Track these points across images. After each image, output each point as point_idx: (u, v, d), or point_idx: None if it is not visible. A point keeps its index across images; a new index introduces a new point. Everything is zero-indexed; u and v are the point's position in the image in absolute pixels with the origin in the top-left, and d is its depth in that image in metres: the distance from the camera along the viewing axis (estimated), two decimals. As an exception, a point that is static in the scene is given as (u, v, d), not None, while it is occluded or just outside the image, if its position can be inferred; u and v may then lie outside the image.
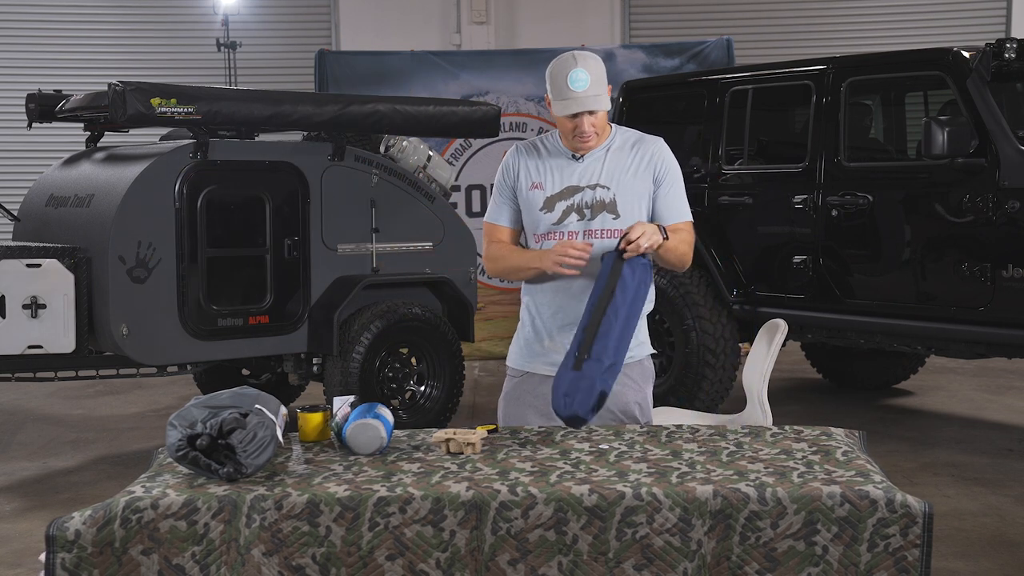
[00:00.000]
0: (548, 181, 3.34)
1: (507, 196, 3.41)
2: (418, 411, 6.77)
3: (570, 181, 3.32)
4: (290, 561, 2.57)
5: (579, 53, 3.26)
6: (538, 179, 3.35)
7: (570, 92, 3.20)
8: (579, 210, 3.31)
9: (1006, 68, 6.08)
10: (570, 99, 3.21)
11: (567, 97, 3.21)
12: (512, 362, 3.48)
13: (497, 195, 3.43)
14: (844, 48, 9.91)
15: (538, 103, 9.88)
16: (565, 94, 3.21)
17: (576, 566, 2.57)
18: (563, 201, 3.32)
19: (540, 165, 3.36)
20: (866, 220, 6.53)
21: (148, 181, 6.05)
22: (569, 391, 3.08)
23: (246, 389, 2.96)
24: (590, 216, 3.31)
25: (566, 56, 3.25)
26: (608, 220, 3.31)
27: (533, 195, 3.34)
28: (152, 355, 6.16)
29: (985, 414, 7.42)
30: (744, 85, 7.30)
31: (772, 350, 4.41)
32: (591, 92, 3.21)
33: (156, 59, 11.64)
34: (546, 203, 3.33)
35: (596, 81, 3.22)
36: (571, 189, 3.32)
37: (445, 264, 7.05)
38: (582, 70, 3.20)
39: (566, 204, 3.32)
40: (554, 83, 3.24)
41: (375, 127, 6.80)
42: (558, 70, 3.23)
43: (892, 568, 2.55)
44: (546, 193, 3.33)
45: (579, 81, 3.19)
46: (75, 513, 2.60)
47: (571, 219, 3.31)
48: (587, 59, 3.24)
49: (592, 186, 3.31)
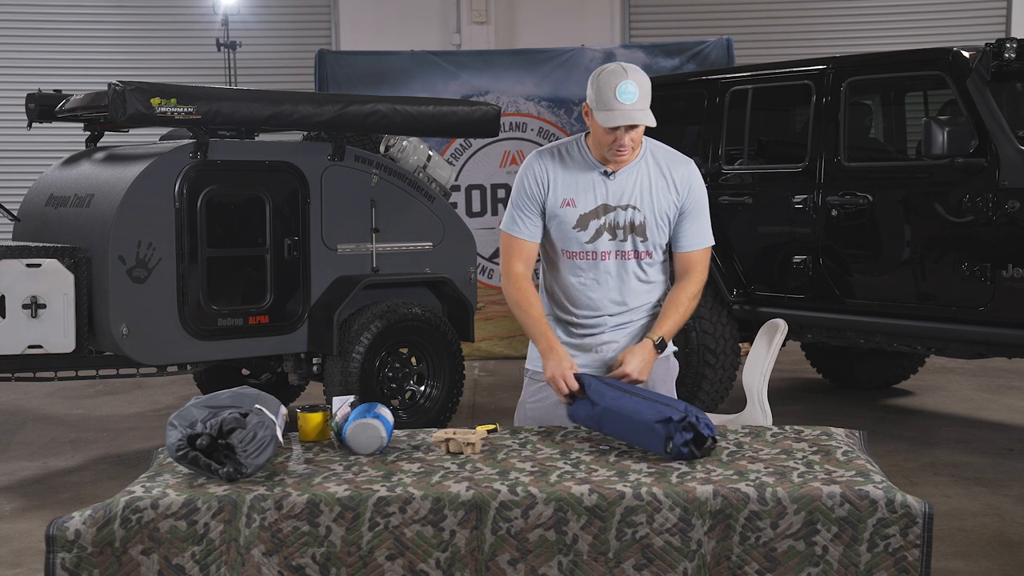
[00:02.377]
0: (581, 198, 3.29)
1: (535, 209, 3.33)
2: (418, 411, 6.77)
3: (603, 199, 3.29)
4: (290, 561, 2.57)
5: (628, 66, 3.20)
6: (570, 195, 3.29)
7: (618, 104, 3.14)
8: (611, 230, 3.30)
9: (1006, 68, 6.08)
10: (617, 111, 3.14)
11: (613, 108, 3.14)
12: (537, 366, 3.40)
13: (521, 206, 3.33)
14: (844, 48, 9.90)
15: (538, 103, 9.88)
16: (612, 105, 3.14)
17: (576, 566, 2.57)
18: (596, 220, 3.29)
19: (571, 180, 3.30)
20: (866, 220, 6.53)
21: (148, 181, 6.04)
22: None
23: (246, 389, 2.96)
24: (621, 237, 3.31)
25: (615, 67, 3.18)
26: (637, 242, 3.33)
27: (566, 212, 3.30)
28: (152, 355, 6.16)
29: (985, 414, 7.42)
30: (744, 85, 7.30)
31: (772, 350, 4.41)
32: (638, 106, 3.15)
33: (156, 59, 11.64)
34: (579, 221, 3.29)
35: (644, 95, 3.17)
36: (604, 208, 3.29)
37: (445, 264, 7.05)
38: (632, 83, 3.14)
39: (599, 223, 3.30)
40: (600, 93, 3.16)
41: (375, 127, 6.80)
42: (606, 81, 3.16)
43: (892, 568, 2.55)
44: (579, 211, 3.29)
45: (628, 93, 3.13)
46: (75, 513, 2.60)
47: (603, 239, 3.31)
48: (636, 72, 3.18)
49: (624, 207, 3.29)
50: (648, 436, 2.90)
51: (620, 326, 3.37)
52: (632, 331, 3.38)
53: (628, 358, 3.24)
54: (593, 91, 3.19)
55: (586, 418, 3.12)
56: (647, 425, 2.90)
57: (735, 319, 7.17)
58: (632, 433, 2.97)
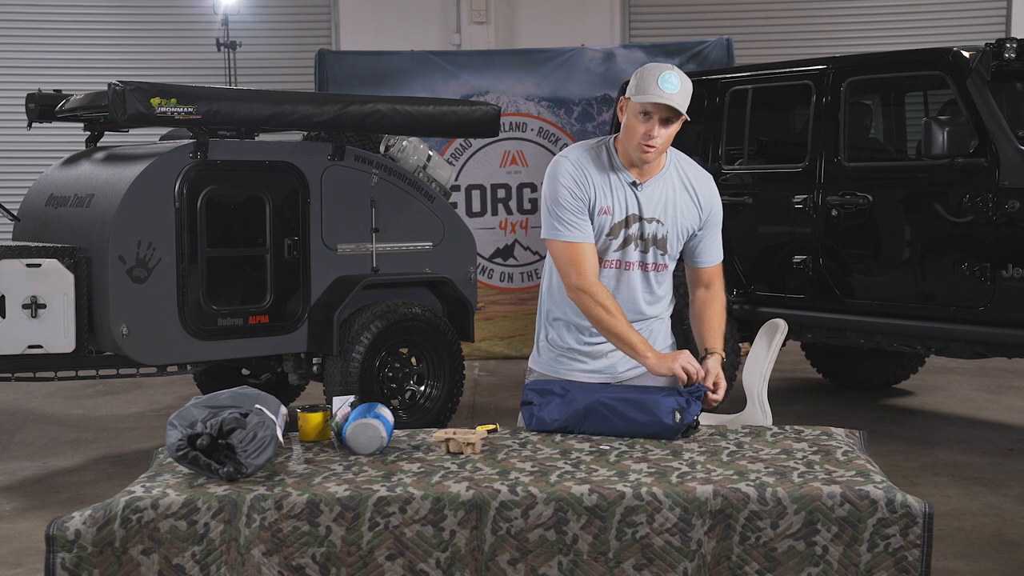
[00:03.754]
0: (615, 207, 3.29)
1: (584, 210, 3.27)
2: (418, 411, 6.77)
3: (633, 210, 3.29)
4: (290, 561, 2.57)
5: (675, 67, 3.22)
6: (607, 203, 3.28)
7: (658, 91, 3.14)
8: (636, 241, 3.31)
9: (1006, 68, 6.08)
10: (655, 94, 3.14)
11: (653, 92, 3.14)
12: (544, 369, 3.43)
13: (571, 209, 3.25)
14: (844, 48, 9.90)
15: (538, 103, 9.88)
16: (652, 90, 3.14)
17: (576, 566, 2.57)
18: (625, 230, 3.30)
19: (606, 187, 3.28)
20: (866, 220, 6.53)
21: (148, 181, 6.04)
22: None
23: (246, 389, 2.96)
24: (643, 248, 3.32)
25: (662, 63, 3.23)
26: (658, 255, 3.35)
27: (602, 220, 3.28)
28: (152, 355, 6.15)
29: (985, 414, 7.42)
30: (744, 85, 7.31)
31: (772, 350, 4.41)
32: (678, 98, 3.16)
33: (156, 59, 11.63)
34: (612, 230, 3.30)
35: (684, 92, 3.18)
36: (633, 218, 3.30)
37: (445, 264, 7.04)
38: (676, 75, 3.16)
39: (627, 233, 3.30)
40: (642, 80, 3.17)
41: (375, 127, 6.80)
42: (651, 69, 3.17)
43: (892, 568, 2.55)
44: (613, 220, 3.29)
45: (671, 83, 3.14)
46: (75, 513, 2.60)
47: (630, 248, 3.31)
48: (682, 73, 3.21)
49: (650, 219, 3.31)
50: (649, 410, 3.04)
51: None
52: (643, 335, 3.39)
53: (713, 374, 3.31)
54: (635, 80, 3.19)
55: (566, 418, 3.15)
56: (653, 402, 3.05)
57: (735, 319, 7.17)
58: (632, 415, 3.06)
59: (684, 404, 3.09)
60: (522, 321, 9.74)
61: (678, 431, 3.07)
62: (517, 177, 9.88)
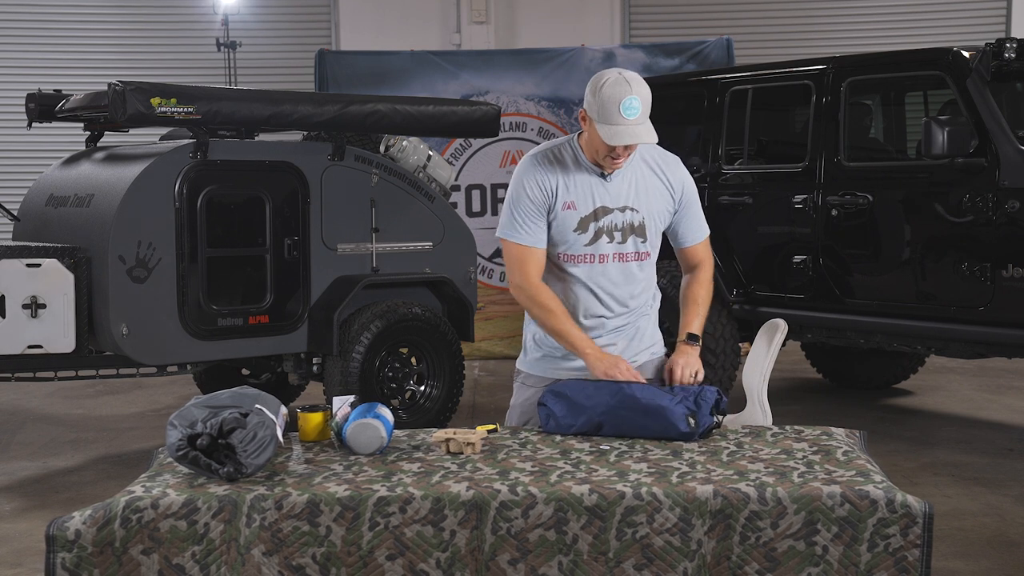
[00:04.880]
0: (580, 200, 3.26)
1: (541, 214, 3.26)
2: (418, 411, 6.77)
3: (603, 202, 3.27)
4: (290, 561, 2.57)
5: (629, 75, 3.13)
6: (571, 198, 3.25)
7: (622, 119, 3.09)
8: (610, 232, 3.29)
9: (1006, 68, 6.08)
10: (621, 127, 3.09)
11: (617, 124, 3.09)
12: (530, 368, 3.45)
13: (527, 212, 3.26)
14: (844, 48, 9.90)
15: (538, 103, 9.88)
16: (616, 120, 3.09)
17: (576, 566, 2.57)
18: (595, 223, 3.27)
19: (570, 182, 3.26)
20: (866, 220, 6.53)
21: (148, 181, 6.04)
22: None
23: (246, 389, 2.96)
24: (620, 239, 3.30)
25: (616, 78, 3.12)
26: (637, 243, 3.33)
27: (567, 215, 3.26)
28: (152, 355, 6.16)
29: (985, 414, 7.42)
30: (744, 85, 7.30)
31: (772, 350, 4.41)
32: (641, 121, 3.11)
33: (156, 59, 11.64)
34: (580, 224, 3.27)
35: (646, 108, 3.13)
36: (603, 210, 3.27)
37: (445, 264, 7.05)
38: (636, 97, 3.09)
39: (597, 226, 3.28)
40: (604, 107, 3.10)
41: (375, 127, 6.80)
42: (609, 95, 3.09)
43: (892, 568, 2.55)
44: (580, 213, 3.26)
45: (632, 109, 3.09)
46: (75, 513, 2.60)
47: (603, 241, 3.29)
48: (639, 84, 3.12)
49: (622, 208, 3.28)
50: (664, 418, 3.03)
51: (618, 328, 3.38)
52: (629, 333, 3.39)
53: (676, 368, 3.33)
54: (595, 102, 3.12)
55: (580, 425, 3.13)
56: (664, 407, 3.03)
57: (735, 319, 7.17)
58: (644, 419, 3.05)
59: (693, 407, 3.07)
60: (522, 321, 9.68)
61: (694, 435, 3.05)
62: (517, 177, 9.87)
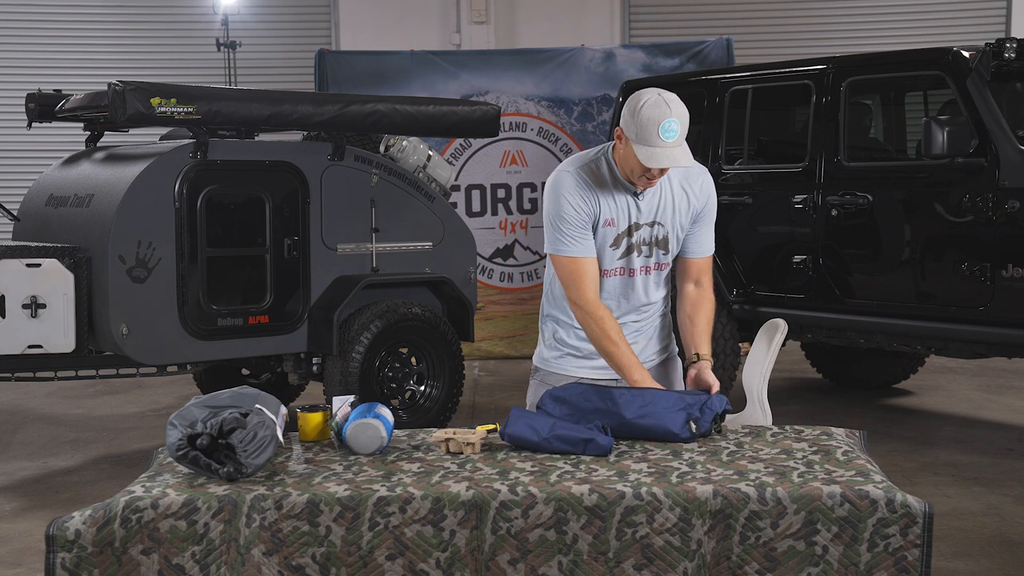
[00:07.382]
0: (619, 217, 3.28)
1: (589, 225, 3.25)
2: (418, 411, 6.77)
3: (636, 218, 3.29)
4: (290, 561, 2.57)
5: (670, 97, 3.11)
6: (611, 215, 3.27)
7: (660, 141, 3.07)
8: (639, 247, 3.32)
9: (1006, 68, 6.08)
10: (659, 149, 3.08)
11: (655, 146, 3.07)
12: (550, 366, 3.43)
13: (575, 224, 3.23)
14: (844, 48, 9.91)
15: (538, 103, 9.88)
16: (654, 142, 3.07)
17: (576, 566, 2.57)
18: (628, 238, 3.31)
19: (610, 200, 3.26)
20: (866, 220, 6.53)
21: (148, 181, 6.04)
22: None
23: (246, 389, 2.96)
24: (647, 253, 3.34)
25: (657, 100, 3.09)
26: (660, 255, 3.36)
27: (606, 232, 3.28)
28: (152, 355, 6.16)
29: (985, 414, 7.42)
30: (744, 85, 7.31)
31: (772, 350, 4.40)
32: (679, 144, 3.10)
33: (156, 59, 11.64)
34: (615, 240, 3.30)
35: (684, 130, 3.12)
36: (635, 226, 3.30)
37: (445, 264, 7.05)
38: (675, 120, 3.07)
39: (629, 241, 3.31)
40: (643, 128, 3.08)
41: (375, 127, 6.80)
42: (649, 116, 3.07)
43: (892, 568, 2.55)
44: (617, 230, 3.29)
45: (671, 132, 3.07)
46: (75, 513, 2.60)
47: (633, 255, 3.32)
48: (679, 106, 3.11)
49: (651, 223, 3.31)
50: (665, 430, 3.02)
51: (638, 330, 3.41)
52: (641, 341, 3.41)
53: (708, 381, 3.32)
54: (634, 123, 3.10)
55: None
56: (666, 410, 3.02)
57: (735, 319, 7.17)
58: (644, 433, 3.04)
59: (697, 413, 3.06)
60: (522, 321, 9.74)
61: (694, 438, 3.05)
62: (517, 177, 9.89)
